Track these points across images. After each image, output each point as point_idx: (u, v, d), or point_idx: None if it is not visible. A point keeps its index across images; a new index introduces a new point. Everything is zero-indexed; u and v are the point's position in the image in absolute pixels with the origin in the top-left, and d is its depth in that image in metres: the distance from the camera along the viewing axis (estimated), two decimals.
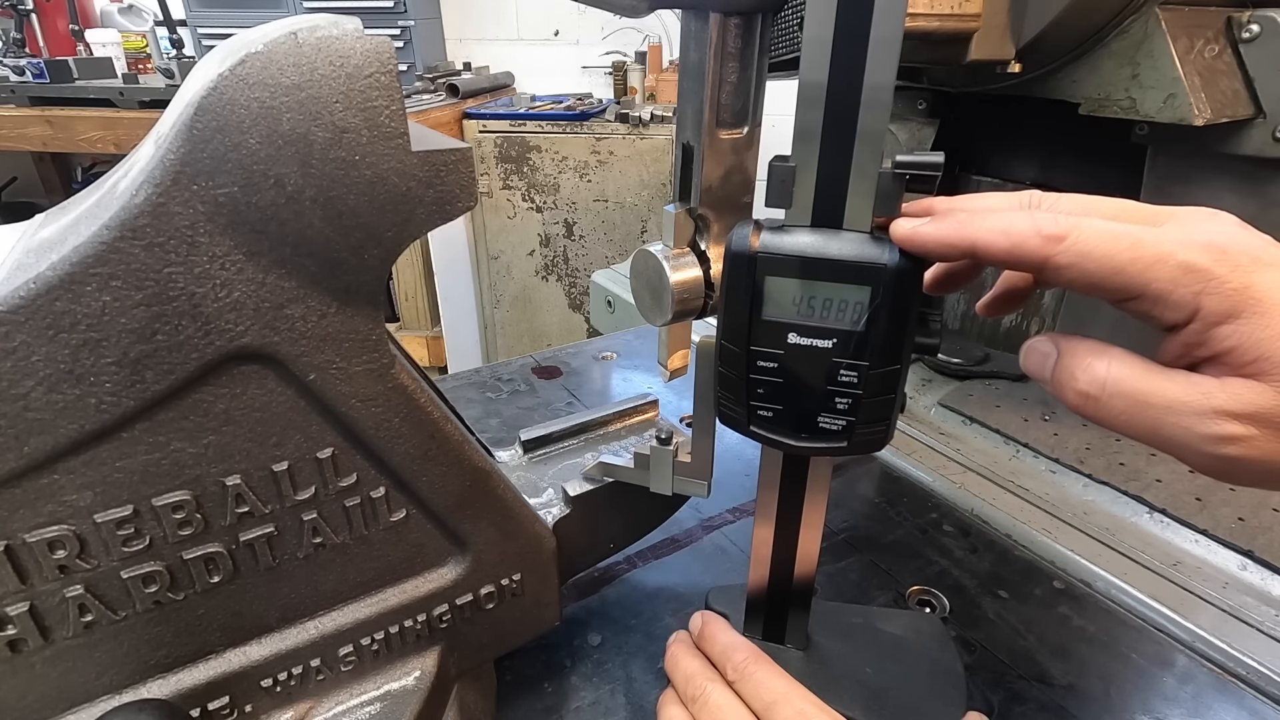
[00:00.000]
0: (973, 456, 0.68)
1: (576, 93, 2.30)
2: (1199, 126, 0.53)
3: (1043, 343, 0.30)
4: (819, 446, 0.33)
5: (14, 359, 0.24)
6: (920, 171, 0.29)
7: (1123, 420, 0.27)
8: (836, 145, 0.30)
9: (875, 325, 0.30)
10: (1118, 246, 0.26)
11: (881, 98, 0.28)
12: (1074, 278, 0.27)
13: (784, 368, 0.32)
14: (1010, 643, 0.49)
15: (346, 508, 0.33)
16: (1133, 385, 0.27)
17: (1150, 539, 0.57)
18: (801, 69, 0.29)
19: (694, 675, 0.38)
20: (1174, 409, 0.26)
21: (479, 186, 1.98)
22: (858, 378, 0.31)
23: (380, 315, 0.30)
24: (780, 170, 0.31)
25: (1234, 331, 0.25)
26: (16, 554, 0.27)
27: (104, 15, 2.45)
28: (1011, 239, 0.27)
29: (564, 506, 0.44)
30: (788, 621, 0.43)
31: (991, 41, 0.54)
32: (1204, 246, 0.25)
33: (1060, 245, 0.26)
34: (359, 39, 0.25)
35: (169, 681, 0.32)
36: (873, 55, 0.28)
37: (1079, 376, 0.28)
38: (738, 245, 0.31)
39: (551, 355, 0.90)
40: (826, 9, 0.28)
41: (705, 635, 0.41)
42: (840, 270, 0.30)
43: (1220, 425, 0.25)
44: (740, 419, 0.35)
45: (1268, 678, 0.45)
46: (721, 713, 0.36)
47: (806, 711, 0.34)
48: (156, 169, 0.24)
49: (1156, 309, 0.26)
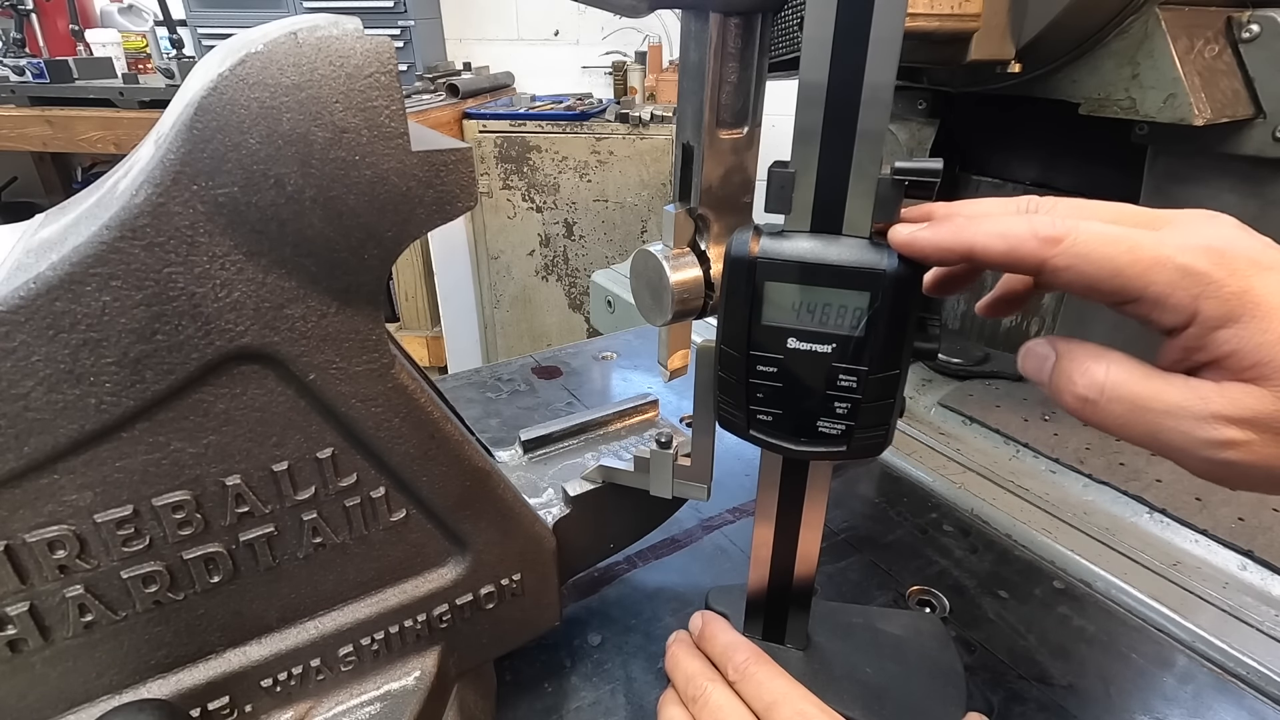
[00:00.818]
0: (973, 456, 0.68)
1: (576, 93, 2.30)
2: (1199, 126, 0.53)
3: (1041, 345, 0.30)
4: (818, 451, 0.33)
5: (14, 359, 0.24)
6: (919, 178, 0.29)
7: (1121, 424, 0.27)
8: (836, 146, 0.30)
9: (874, 330, 0.30)
10: (1116, 249, 0.26)
11: (881, 97, 0.28)
12: (1071, 280, 0.26)
13: (783, 372, 0.32)
14: (1010, 643, 0.49)
15: (346, 508, 0.33)
16: (1131, 389, 0.26)
17: (1150, 539, 0.57)
18: (801, 69, 0.29)
19: (694, 675, 0.38)
20: (1172, 413, 0.26)
21: (479, 186, 1.98)
22: (857, 382, 0.31)
23: (380, 315, 0.30)
24: (780, 176, 0.31)
25: (1233, 336, 0.25)
26: (16, 554, 0.27)
27: (104, 15, 2.45)
28: (1008, 242, 0.27)
29: (564, 506, 0.44)
30: (788, 622, 0.43)
31: (991, 41, 0.54)
32: (1203, 250, 0.25)
33: (1057, 248, 0.26)
34: (359, 39, 0.25)
35: (169, 681, 0.32)
36: (873, 55, 0.28)
37: (1077, 380, 0.28)
38: (737, 250, 0.31)
39: (551, 355, 0.90)
40: (826, 9, 0.28)
41: (706, 635, 0.41)
42: (839, 275, 0.30)
43: (1218, 430, 0.25)
44: (740, 423, 0.35)
45: (1268, 678, 0.45)
46: (722, 713, 0.36)
47: (806, 712, 0.34)
48: (156, 169, 0.24)
49: (1155, 312, 0.26)
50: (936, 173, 0.29)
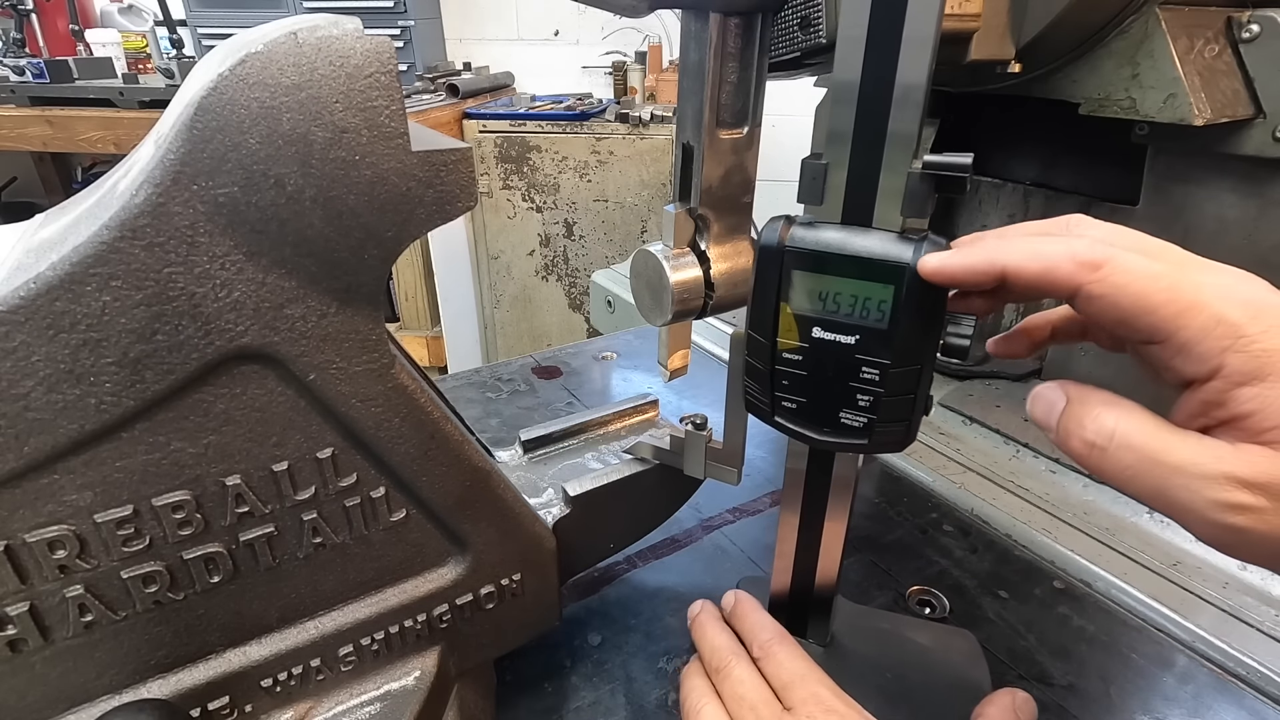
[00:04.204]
0: (973, 456, 0.68)
1: (576, 93, 2.30)
2: (1199, 126, 0.53)
3: (1051, 389, 0.29)
4: (840, 442, 0.34)
5: (14, 359, 0.24)
6: (950, 173, 0.29)
7: (1127, 476, 0.26)
8: (868, 144, 0.30)
9: (898, 324, 0.30)
10: (1155, 285, 0.25)
11: (914, 97, 0.28)
12: (1102, 310, 0.26)
13: (808, 361, 0.33)
14: (1010, 643, 0.49)
15: (346, 508, 0.33)
16: (1142, 440, 0.25)
17: (1150, 539, 0.57)
18: (835, 68, 0.29)
19: (720, 648, 0.39)
20: (1183, 470, 0.24)
21: (479, 186, 1.98)
22: (879, 375, 0.31)
23: (380, 315, 0.30)
24: (812, 167, 0.31)
25: (1256, 395, 0.24)
26: (16, 554, 0.27)
27: (104, 15, 2.45)
28: (1044, 262, 0.26)
29: (564, 506, 0.44)
30: (809, 616, 0.43)
31: (991, 41, 0.54)
32: (1241, 302, 0.24)
33: (1096, 274, 0.25)
34: (359, 39, 0.25)
35: (169, 681, 0.32)
36: (905, 55, 0.28)
37: (1087, 426, 0.26)
38: (767, 238, 0.32)
39: (551, 355, 0.90)
40: (860, 8, 0.28)
41: (737, 612, 0.42)
42: (864, 267, 0.30)
43: (1230, 493, 0.23)
44: (765, 409, 0.35)
45: (1268, 678, 0.45)
46: (743, 686, 0.37)
47: (820, 694, 0.35)
48: (156, 169, 0.24)
49: (1178, 359, 0.25)
50: (966, 168, 0.29)
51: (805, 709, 0.34)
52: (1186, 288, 0.25)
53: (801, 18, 0.45)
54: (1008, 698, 0.37)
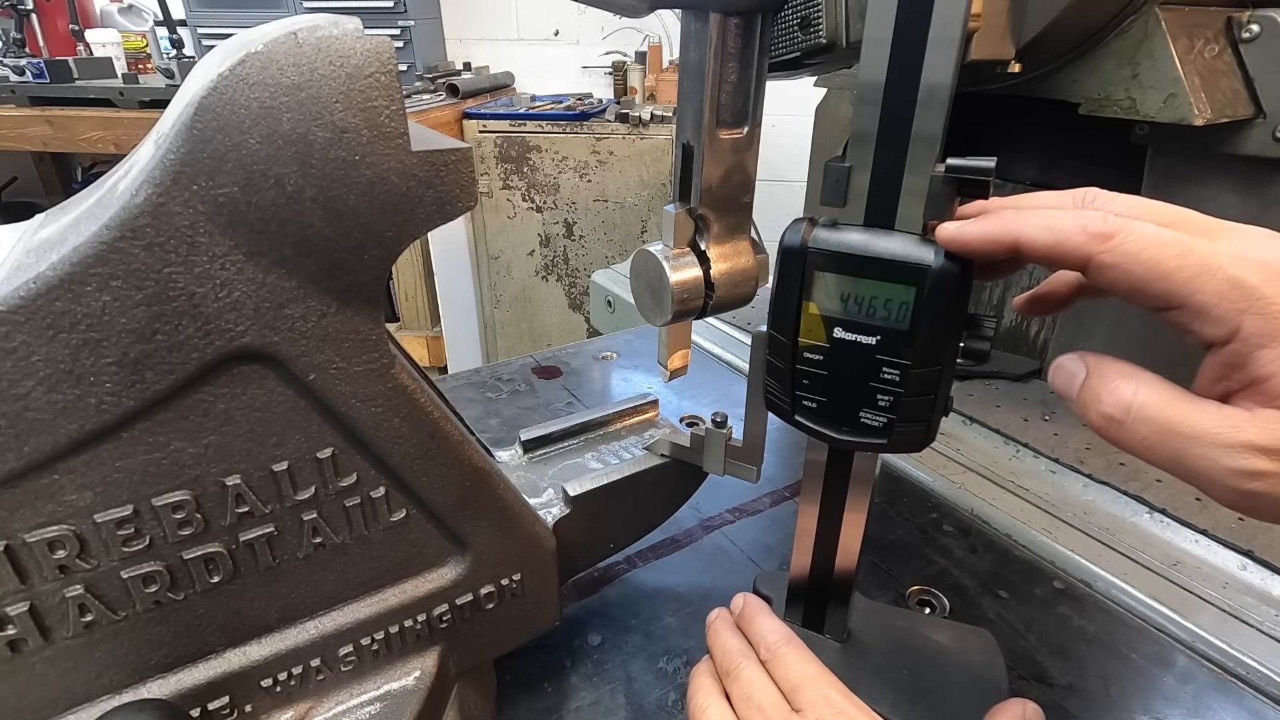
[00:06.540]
0: (973, 456, 0.68)
1: (576, 93, 2.30)
2: (1199, 126, 0.53)
3: (1072, 361, 0.29)
4: (860, 441, 0.34)
5: (14, 359, 0.24)
6: (973, 176, 0.29)
7: (1146, 446, 0.26)
8: (891, 145, 0.30)
9: (918, 325, 0.30)
10: (1166, 252, 0.25)
11: (939, 98, 0.28)
12: (1116, 279, 0.26)
13: (828, 361, 0.33)
14: (1010, 643, 0.49)
15: (346, 508, 0.33)
16: (1159, 411, 0.26)
17: (1150, 539, 0.57)
18: (860, 69, 0.29)
19: (730, 651, 0.40)
20: (1200, 439, 0.25)
21: (479, 186, 1.99)
22: (899, 376, 0.31)
23: (380, 315, 0.30)
24: (836, 170, 0.31)
25: (1275, 357, 0.24)
26: (16, 554, 0.27)
27: (104, 15, 2.45)
28: (1055, 235, 0.27)
29: (564, 506, 0.44)
30: (827, 612, 0.43)
31: (991, 41, 0.54)
32: (1257, 264, 0.24)
33: (1107, 244, 0.26)
34: (359, 39, 0.25)
35: (169, 681, 0.32)
36: (930, 56, 0.28)
37: (1105, 399, 0.27)
38: (790, 239, 0.32)
39: (551, 355, 0.90)
40: (887, 9, 0.28)
41: (744, 616, 0.42)
42: (885, 268, 0.30)
43: (1248, 460, 0.24)
44: (786, 408, 0.35)
45: (1268, 678, 0.45)
46: (752, 688, 0.37)
47: (829, 696, 0.35)
48: (156, 169, 0.24)
49: (1196, 322, 0.25)
50: (990, 171, 0.29)
51: (814, 711, 0.34)
52: (1199, 252, 0.25)
53: (801, 18, 0.45)
54: (1018, 708, 0.37)
